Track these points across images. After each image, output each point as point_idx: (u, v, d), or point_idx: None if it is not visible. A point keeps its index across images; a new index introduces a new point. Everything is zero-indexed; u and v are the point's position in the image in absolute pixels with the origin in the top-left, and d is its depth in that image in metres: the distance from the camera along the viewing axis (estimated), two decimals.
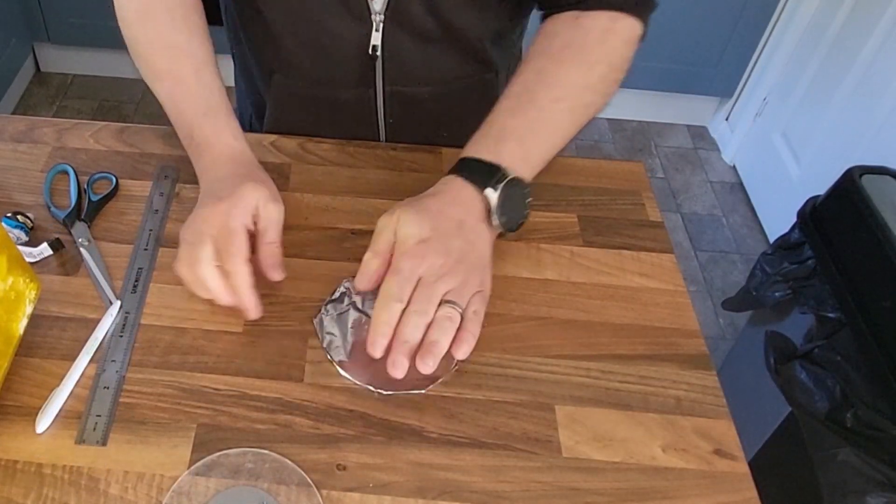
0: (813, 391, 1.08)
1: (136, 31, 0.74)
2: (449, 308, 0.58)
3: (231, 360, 0.61)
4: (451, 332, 0.58)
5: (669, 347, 0.64)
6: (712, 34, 2.15)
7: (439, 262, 0.59)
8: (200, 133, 0.69)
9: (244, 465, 0.54)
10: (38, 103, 2.31)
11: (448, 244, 0.60)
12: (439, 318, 0.58)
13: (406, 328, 0.57)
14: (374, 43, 0.76)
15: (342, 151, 0.81)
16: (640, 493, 0.55)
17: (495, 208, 0.63)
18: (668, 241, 0.74)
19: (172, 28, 0.73)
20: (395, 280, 0.58)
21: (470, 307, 0.59)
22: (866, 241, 1.05)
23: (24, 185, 0.75)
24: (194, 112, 0.70)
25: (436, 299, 0.58)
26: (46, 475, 0.53)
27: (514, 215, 0.65)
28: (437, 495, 0.54)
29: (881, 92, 1.67)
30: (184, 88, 0.71)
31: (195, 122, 0.69)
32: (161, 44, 0.73)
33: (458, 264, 0.60)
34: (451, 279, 0.59)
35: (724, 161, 2.32)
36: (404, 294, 0.58)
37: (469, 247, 0.61)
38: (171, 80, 0.71)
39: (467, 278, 0.60)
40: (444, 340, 0.57)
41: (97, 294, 0.65)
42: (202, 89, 0.71)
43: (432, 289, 0.58)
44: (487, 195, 0.63)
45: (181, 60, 0.72)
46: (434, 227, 0.61)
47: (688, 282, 1.91)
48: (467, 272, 0.60)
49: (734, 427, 0.59)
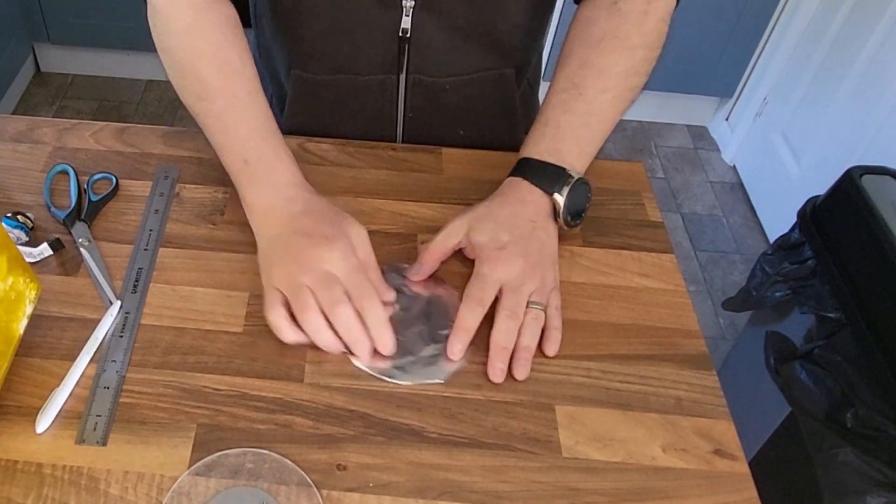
0: (813, 391, 1.08)
1: (184, 43, 0.70)
2: (534, 310, 0.62)
3: (231, 360, 0.61)
4: (538, 332, 0.62)
5: (669, 347, 0.64)
6: (712, 34, 2.15)
7: (520, 266, 0.63)
8: (259, 159, 0.66)
9: (244, 465, 0.54)
10: (38, 103, 2.31)
11: (526, 248, 0.64)
12: (528, 321, 0.62)
13: (501, 334, 0.61)
14: (403, 26, 0.76)
15: (342, 151, 0.81)
16: (640, 493, 0.55)
17: (563, 210, 0.67)
18: (668, 241, 0.74)
19: (225, 45, 0.70)
20: (479, 285, 0.62)
21: (551, 304, 0.64)
22: (866, 241, 1.05)
23: (24, 185, 0.75)
24: (250, 136, 0.67)
25: (524, 302, 0.62)
26: (46, 475, 0.53)
27: (577, 211, 0.69)
28: (437, 495, 0.54)
29: (881, 92, 1.67)
30: (238, 110, 0.68)
31: (251, 147, 0.67)
32: (214, 59, 0.69)
33: (537, 266, 0.64)
34: (533, 282, 0.63)
35: (724, 161, 2.32)
36: (487, 299, 0.62)
37: (542, 246, 0.66)
38: (224, 100, 0.68)
39: (545, 277, 0.64)
40: (534, 344, 0.62)
41: (97, 294, 0.65)
42: (258, 112, 0.69)
43: (518, 293, 0.62)
44: (555, 199, 0.67)
45: (235, 79, 0.69)
46: (510, 231, 0.64)
47: (688, 282, 1.91)
48: (544, 271, 0.64)
49: (734, 427, 0.59)
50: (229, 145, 0.68)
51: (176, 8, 0.70)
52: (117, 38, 2.24)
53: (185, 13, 0.69)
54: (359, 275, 0.61)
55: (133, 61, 2.34)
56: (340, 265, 0.61)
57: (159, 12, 0.70)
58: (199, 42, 0.69)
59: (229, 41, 0.70)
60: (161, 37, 0.71)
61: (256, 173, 0.67)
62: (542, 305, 0.63)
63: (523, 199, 0.67)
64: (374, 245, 0.65)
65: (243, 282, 0.67)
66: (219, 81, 0.68)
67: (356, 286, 0.60)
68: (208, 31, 0.70)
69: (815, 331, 1.12)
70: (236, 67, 0.69)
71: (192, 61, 0.69)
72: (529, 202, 0.67)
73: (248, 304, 0.65)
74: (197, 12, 0.70)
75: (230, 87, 0.68)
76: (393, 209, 0.75)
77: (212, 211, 0.73)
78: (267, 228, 0.65)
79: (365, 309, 0.60)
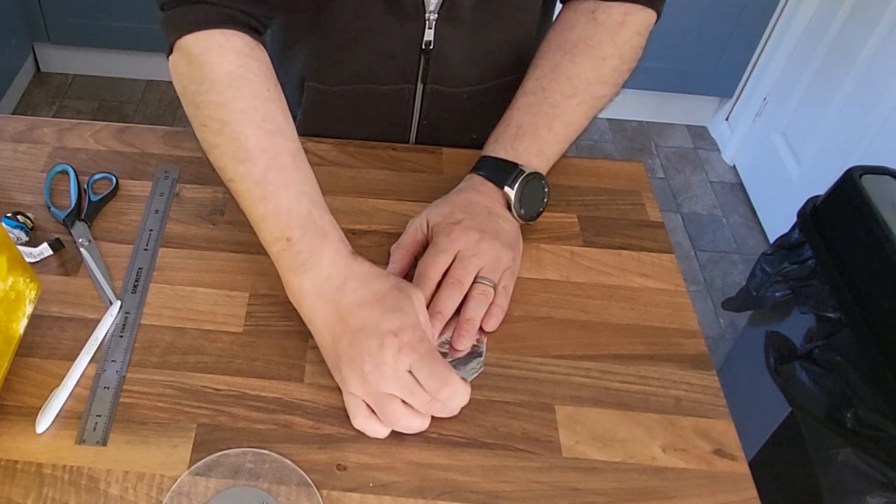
0: (813, 391, 1.07)
1: (226, 96, 0.61)
2: (482, 285, 0.63)
3: (231, 360, 0.61)
4: (484, 308, 0.63)
5: (669, 347, 0.64)
6: (712, 34, 2.15)
7: (475, 237, 0.64)
8: (304, 235, 0.59)
9: (244, 465, 0.54)
10: (38, 103, 2.31)
11: (481, 224, 0.66)
12: (474, 294, 0.63)
13: (441, 300, 0.62)
14: (427, 39, 0.76)
15: (342, 151, 0.81)
16: (640, 493, 0.55)
17: (514, 202, 0.69)
18: (668, 241, 0.74)
19: (268, 99, 0.62)
20: (432, 255, 0.64)
21: (501, 282, 0.65)
22: (866, 241, 1.05)
23: (24, 185, 0.75)
24: (294, 207, 0.60)
25: (471, 274, 0.63)
26: (46, 475, 0.53)
27: (533, 206, 0.71)
28: (437, 495, 0.54)
29: (881, 92, 1.67)
30: (281, 175, 0.60)
31: (294, 223, 0.59)
32: (258, 116, 0.61)
33: (494, 240, 0.65)
34: (485, 255, 0.64)
35: (724, 161, 2.32)
36: (441, 265, 0.64)
37: (499, 228, 0.67)
38: (265, 163, 0.60)
39: (499, 254, 0.65)
40: (478, 318, 0.63)
41: (97, 294, 0.65)
42: (302, 179, 0.61)
43: (468, 262, 0.64)
44: (507, 192, 0.69)
45: (278, 140, 0.61)
46: (466, 212, 0.67)
47: (688, 282, 1.91)
48: (500, 248, 0.65)
49: (734, 427, 0.59)
50: (271, 218, 0.60)
51: (216, 54, 0.62)
52: (117, 38, 2.24)
53: (229, 59, 0.62)
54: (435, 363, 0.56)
55: (133, 61, 2.33)
56: (415, 360, 0.56)
57: (195, 60, 0.62)
58: (242, 94, 0.61)
59: (271, 95, 0.63)
60: (193, 89, 0.63)
61: (301, 255, 0.59)
62: (490, 282, 0.64)
63: (478, 190, 0.70)
64: (374, 245, 0.65)
65: (243, 282, 0.67)
66: (259, 141, 0.60)
67: (435, 380, 0.55)
68: (252, 82, 0.62)
69: (815, 331, 1.12)
70: (279, 125, 0.62)
71: (231, 117, 0.61)
72: (483, 193, 0.69)
73: (248, 304, 0.65)
74: (239, 57, 0.62)
75: (272, 147, 0.61)
76: (393, 209, 0.75)
77: (212, 211, 0.73)
78: (319, 319, 0.59)
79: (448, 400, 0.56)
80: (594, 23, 0.72)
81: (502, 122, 0.73)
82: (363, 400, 0.56)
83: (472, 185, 0.70)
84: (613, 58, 0.72)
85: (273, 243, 0.60)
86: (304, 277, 0.59)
